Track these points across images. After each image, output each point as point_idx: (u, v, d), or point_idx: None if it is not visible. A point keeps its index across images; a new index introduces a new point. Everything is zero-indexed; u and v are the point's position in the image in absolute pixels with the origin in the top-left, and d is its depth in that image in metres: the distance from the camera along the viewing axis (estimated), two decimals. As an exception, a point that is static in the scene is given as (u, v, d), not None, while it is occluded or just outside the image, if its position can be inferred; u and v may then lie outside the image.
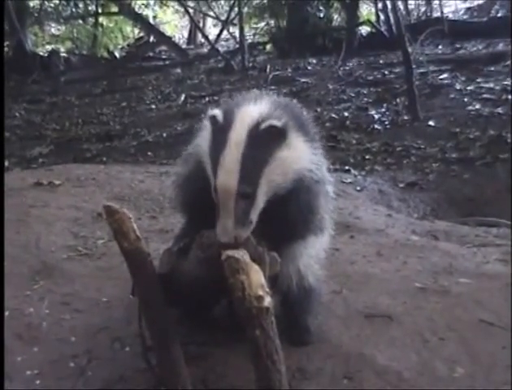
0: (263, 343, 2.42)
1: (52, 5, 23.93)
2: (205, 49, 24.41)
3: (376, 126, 11.07)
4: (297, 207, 2.94)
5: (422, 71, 14.23)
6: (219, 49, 22.02)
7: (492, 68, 14.22)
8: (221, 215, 2.69)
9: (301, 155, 2.82)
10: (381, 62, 17.31)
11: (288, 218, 2.95)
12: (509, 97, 11.62)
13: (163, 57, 24.18)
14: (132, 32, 27.87)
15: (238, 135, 2.68)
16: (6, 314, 3.83)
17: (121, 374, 3.27)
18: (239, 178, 2.63)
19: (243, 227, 2.69)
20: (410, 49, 11.76)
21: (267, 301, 2.39)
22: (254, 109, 2.80)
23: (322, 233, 3.37)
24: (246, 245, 2.71)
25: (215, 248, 2.71)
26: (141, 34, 27.02)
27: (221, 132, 2.74)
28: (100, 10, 24.91)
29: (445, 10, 21.97)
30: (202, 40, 26.47)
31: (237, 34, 20.31)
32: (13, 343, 3.53)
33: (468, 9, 23.23)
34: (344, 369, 3.25)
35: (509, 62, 14.15)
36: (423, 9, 23.04)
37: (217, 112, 2.83)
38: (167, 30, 28.19)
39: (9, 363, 3.29)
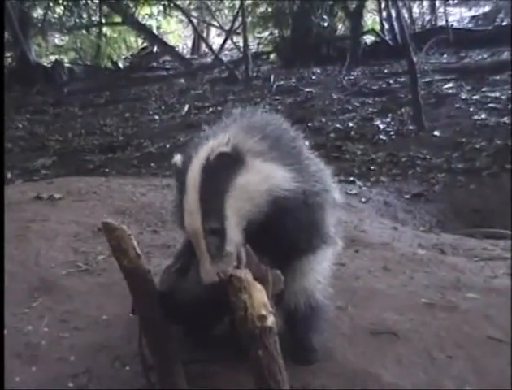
0: (266, 363, 2.38)
1: (55, 15, 23.98)
2: (208, 59, 24.43)
3: (381, 136, 11.06)
4: (295, 224, 2.88)
5: (427, 80, 14.26)
6: (223, 58, 22.03)
7: (498, 77, 14.20)
8: (198, 256, 2.68)
9: (265, 176, 2.74)
10: (386, 71, 17.35)
11: (288, 236, 2.89)
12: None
13: (167, 67, 24.25)
14: (136, 42, 27.87)
15: (193, 174, 2.68)
16: (4, 332, 3.76)
17: (121, 394, 3.20)
18: (202, 217, 2.62)
19: (223, 262, 2.64)
20: (414, 59, 11.73)
21: (270, 320, 2.35)
22: (208, 143, 2.79)
23: (328, 246, 3.31)
24: (249, 263, 2.65)
25: None
26: (145, 44, 27.02)
27: (182, 175, 2.75)
28: (103, 21, 24.91)
29: (450, 19, 21.96)
30: (206, 50, 26.46)
31: (241, 44, 20.36)
32: (11, 362, 3.48)
33: (473, 17, 23.15)
34: (349, 387, 3.18)
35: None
36: (427, 18, 23.00)
37: (177, 158, 2.89)
38: (171, 40, 28.20)
39: (7, 383, 3.22)
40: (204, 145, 2.77)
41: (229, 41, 23.92)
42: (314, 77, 18.02)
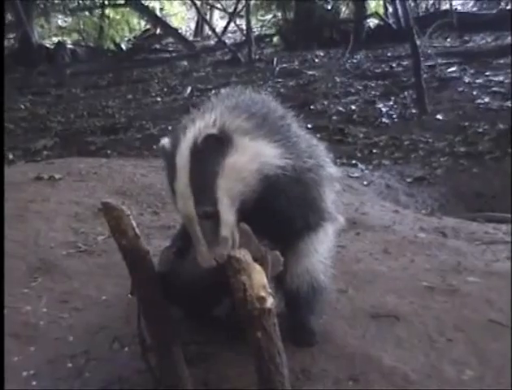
0: (265, 345, 2.38)
1: (58, -4, 23.89)
2: (211, 42, 24.40)
3: (384, 119, 11.05)
4: (289, 202, 2.87)
5: (430, 63, 14.20)
6: (226, 41, 21.97)
7: (502, 61, 14.17)
8: (194, 241, 2.66)
9: (254, 154, 2.70)
10: (389, 54, 17.30)
11: (284, 214, 2.88)
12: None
13: (170, 49, 24.11)
14: (139, 24, 27.75)
15: (182, 157, 2.65)
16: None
17: (120, 375, 3.22)
18: (194, 201, 2.59)
19: (219, 246, 2.61)
20: (418, 42, 11.70)
21: (270, 302, 2.35)
22: (195, 125, 2.74)
23: (328, 224, 3.30)
24: (248, 245, 2.63)
25: None
26: (148, 26, 26.93)
27: (171, 159, 2.72)
28: (106, 2, 24.91)
29: (454, 3, 21.81)
30: (209, 32, 26.41)
31: (244, 26, 20.29)
32: (9, 342, 3.48)
33: (477, 1, 23.07)
34: (349, 370, 3.17)
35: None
36: (431, 1, 22.91)
37: (165, 141, 2.85)
38: (174, 22, 28.09)
39: (5, 363, 3.22)
40: (191, 127, 2.72)
41: (232, 24, 23.86)
42: (317, 60, 17.98)
